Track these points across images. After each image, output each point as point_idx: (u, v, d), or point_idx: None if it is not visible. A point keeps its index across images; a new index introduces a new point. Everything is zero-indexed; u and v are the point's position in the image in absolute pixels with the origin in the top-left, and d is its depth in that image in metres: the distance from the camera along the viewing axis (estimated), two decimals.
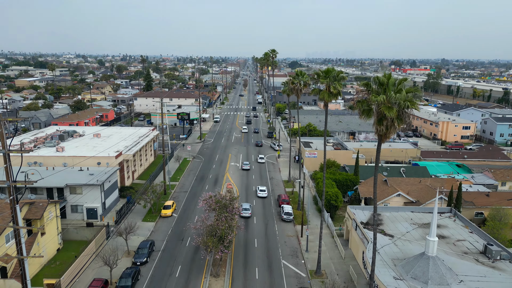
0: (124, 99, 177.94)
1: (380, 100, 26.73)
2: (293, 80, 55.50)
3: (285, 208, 58.30)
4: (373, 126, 29.45)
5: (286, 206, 58.86)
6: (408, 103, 26.89)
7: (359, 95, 29.68)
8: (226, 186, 71.80)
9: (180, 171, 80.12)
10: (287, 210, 57.56)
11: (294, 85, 55.11)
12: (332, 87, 37.78)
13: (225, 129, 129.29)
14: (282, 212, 58.24)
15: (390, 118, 27.05)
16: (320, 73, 39.28)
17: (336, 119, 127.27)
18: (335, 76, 38.37)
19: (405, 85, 28.50)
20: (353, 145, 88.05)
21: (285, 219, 57.13)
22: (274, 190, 70.86)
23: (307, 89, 56.14)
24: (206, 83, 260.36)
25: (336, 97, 38.60)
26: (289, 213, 57.18)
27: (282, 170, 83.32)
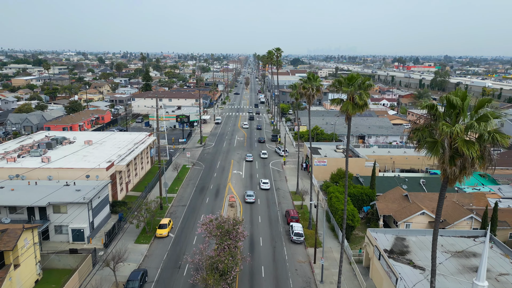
0: (122, 99, 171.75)
1: (455, 131, 19.98)
2: (304, 85, 49.16)
3: (295, 227, 52.06)
4: (438, 164, 22.41)
5: (295, 225, 52.63)
6: (496, 135, 20.03)
7: (418, 120, 22.63)
8: (228, 199, 65.69)
9: (178, 181, 73.96)
10: (297, 230, 51.33)
11: (306, 90, 48.78)
12: (358, 97, 31.48)
13: (227, 131, 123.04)
14: (291, 232, 52.01)
15: (470, 157, 20.23)
16: (342, 81, 33.02)
17: (343, 120, 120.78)
18: (360, 84, 32.10)
19: (488, 108, 21.28)
20: (364, 151, 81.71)
21: (295, 240, 50.93)
22: (281, 203, 64.64)
23: (320, 94, 49.62)
24: (207, 82, 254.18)
25: (362, 109, 32.36)
26: (299, 233, 50.94)
27: (288, 179, 77.09)
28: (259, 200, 65.57)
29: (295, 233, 50.89)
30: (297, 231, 51.17)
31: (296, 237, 50.77)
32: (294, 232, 51.10)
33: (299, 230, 51.33)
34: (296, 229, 51.50)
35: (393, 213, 52.49)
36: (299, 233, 50.96)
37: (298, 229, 51.56)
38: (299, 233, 50.96)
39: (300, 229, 51.75)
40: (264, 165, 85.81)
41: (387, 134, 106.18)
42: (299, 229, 51.61)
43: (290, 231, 52.42)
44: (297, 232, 51.02)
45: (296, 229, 51.59)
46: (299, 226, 52.50)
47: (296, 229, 51.52)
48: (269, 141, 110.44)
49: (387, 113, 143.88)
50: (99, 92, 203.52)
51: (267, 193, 69.06)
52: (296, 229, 51.52)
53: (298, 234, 50.84)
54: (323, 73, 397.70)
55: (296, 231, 51.24)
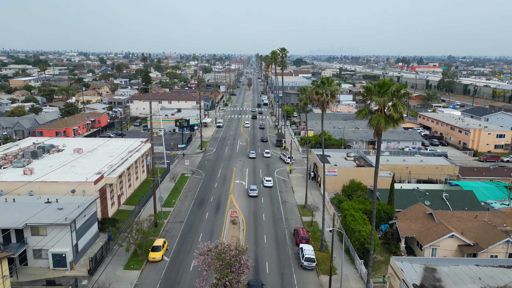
0: (121, 100, 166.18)
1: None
2: (317, 90, 42.98)
3: (306, 250, 45.99)
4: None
5: (306, 248, 46.55)
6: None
7: None
8: (230, 213, 59.71)
9: (176, 193, 68.03)
10: (309, 254, 45.24)
11: (319, 96, 42.64)
12: (392, 108, 25.48)
13: (229, 135, 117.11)
14: (301, 255, 45.96)
15: None
16: (372, 88, 27.05)
17: (351, 124, 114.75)
18: (394, 92, 26.07)
19: None
20: (385, 158, 75.26)
21: (305, 266, 44.87)
22: (289, 219, 58.59)
23: (335, 100, 43.44)
24: (208, 83, 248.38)
25: (396, 123, 26.36)
26: (311, 258, 44.86)
27: (296, 190, 71.03)
28: (264, 215, 59.59)
29: (306, 258, 44.81)
30: (308, 255, 45.08)
31: (307, 262, 44.70)
32: (304, 256, 45.01)
33: (310, 254, 45.24)
34: (307, 253, 45.42)
35: (416, 235, 46.38)
36: (311, 258, 44.87)
37: (309, 253, 45.48)
38: (311, 258, 44.87)
39: (311, 252, 45.68)
40: (267, 167, 79.77)
41: (398, 140, 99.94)
42: (311, 253, 45.53)
43: (300, 255, 46.38)
44: (308, 256, 44.93)
45: (307, 253, 45.50)
46: (310, 249, 46.42)
47: (307, 253, 45.44)
48: (273, 147, 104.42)
49: None
50: (98, 93, 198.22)
51: (273, 207, 63.05)
52: (307, 253, 45.44)
53: (310, 259, 44.74)
54: (327, 73, 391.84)
55: (307, 255, 45.16)
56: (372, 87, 27.06)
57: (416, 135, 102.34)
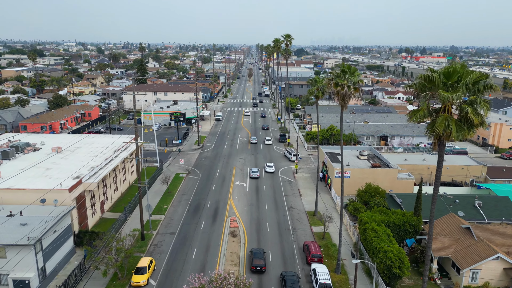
0: (115, 92, 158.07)
1: None
2: (337, 80, 34.70)
3: (320, 273, 38.33)
4: None
5: (320, 270, 38.93)
6: None
7: None
8: (229, 222, 52.12)
9: (168, 197, 60.35)
10: (323, 279, 37.56)
11: (339, 88, 34.44)
12: (470, 109, 17.41)
13: (228, 130, 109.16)
14: (314, 279, 38.36)
15: None
16: (435, 77, 18.80)
17: (360, 118, 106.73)
18: (469, 85, 17.93)
19: None
20: (394, 159, 67.55)
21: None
22: (297, 230, 50.96)
23: (358, 93, 35.36)
24: (207, 73, 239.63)
25: (473, 129, 18.46)
26: (326, 285, 37.15)
27: (303, 193, 63.33)
28: (268, 225, 51.96)
29: (320, 284, 37.15)
30: (323, 280, 37.41)
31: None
32: (319, 282, 37.36)
33: (325, 279, 37.60)
34: (321, 277, 37.80)
35: (453, 255, 38.76)
36: (326, 283, 37.18)
37: (324, 277, 37.84)
38: (326, 283, 37.18)
39: (326, 276, 38.05)
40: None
41: (413, 135, 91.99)
42: (326, 277, 37.90)
43: (312, 278, 38.80)
44: (324, 282, 37.24)
45: (321, 276, 37.88)
46: (324, 271, 38.76)
47: (322, 277, 37.81)
48: (276, 142, 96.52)
49: (407, 108, 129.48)
50: (92, 84, 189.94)
51: (278, 215, 55.38)
52: (322, 277, 37.81)
53: (325, 285, 37.10)
54: (329, 63, 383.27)
55: (321, 279, 37.53)
56: (436, 77, 18.65)
57: None
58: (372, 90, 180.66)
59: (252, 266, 40.66)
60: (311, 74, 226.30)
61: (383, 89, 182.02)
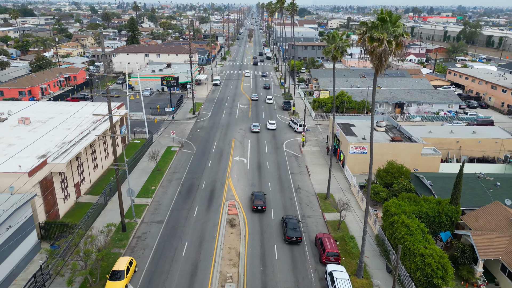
0: (106, 53, 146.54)
1: None
2: (374, 33, 24.82)
3: (339, 279, 30.79)
4: None
5: (337, 274, 31.42)
6: None
7: None
8: (227, 207, 44.49)
9: (157, 176, 52.39)
10: (343, 286, 30.21)
11: (376, 44, 24.76)
12: None
13: (227, 96, 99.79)
14: (330, 285, 31.00)
15: None
16: None
17: (371, 82, 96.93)
18: None
19: None
20: (417, 131, 58.80)
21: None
22: (306, 217, 43.33)
23: (401, 51, 25.84)
24: (205, 34, 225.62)
25: None
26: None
27: (312, 170, 55.30)
28: (273, 211, 44.31)
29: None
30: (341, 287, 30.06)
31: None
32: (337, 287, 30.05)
33: (345, 286, 30.21)
34: (340, 284, 30.39)
35: (503, 257, 31.17)
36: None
37: (343, 284, 30.44)
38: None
39: (347, 283, 30.63)
40: (274, 139, 63.88)
41: (431, 101, 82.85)
42: (346, 284, 30.49)
43: (329, 283, 31.41)
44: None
45: (340, 283, 30.45)
46: (344, 277, 31.23)
47: (341, 284, 30.40)
48: (280, 110, 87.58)
49: (421, 72, 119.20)
50: (82, 45, 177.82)
51: (283, 198, 47.65)
52: (341, 284, 30.40)
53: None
54: (333, 24, 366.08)
55: (340, 287, 30.16)
56: None
57: (453, 96, 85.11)
58: None
59: (253, 205, 43.32)
60: (315, 35, 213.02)
61: None
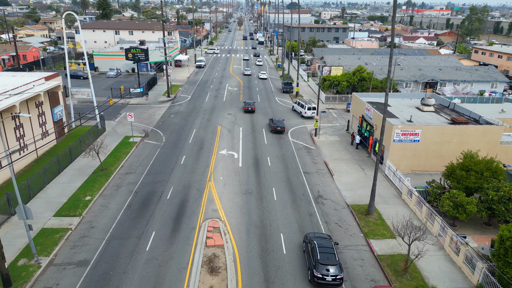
0: (72, 35, 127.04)
1: None
2: None
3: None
4: None
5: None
6: None
7: None
8: (205, 233, 26.19)
9: (99, 179, 33.82)
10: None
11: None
12: None
13: (213, 78, 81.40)
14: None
15: None
16: None
17: (385, 61, 79.36)
18: None
19: None
20: (477, 110, 41.25)
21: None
22: (340, 245, 25.25)
23: None
24: (190, 21, 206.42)
25: None
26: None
27: (335, 168, 37.28)
28: (284, 240, 26.25)
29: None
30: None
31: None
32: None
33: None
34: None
35: None
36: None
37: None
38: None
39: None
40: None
41: (471, 80, 65.66)
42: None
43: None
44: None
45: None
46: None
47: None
48: (279, 93, 69.63)
49: (439, 53, 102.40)
50: (50, 29, 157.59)
51: (299, 215, 29.59)
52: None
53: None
54: (327, 15, 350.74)
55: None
56: None
57: (496, 73, 68.01)
58: (385, 36, 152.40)
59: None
60: (311, 21, 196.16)
61: (399, 35, 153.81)
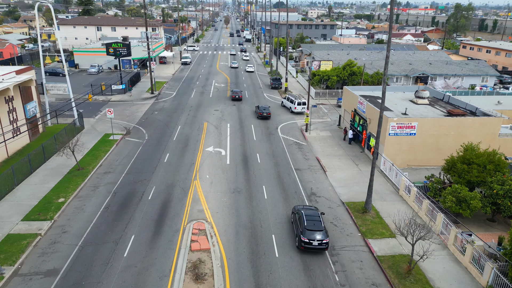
0: (52, 32, 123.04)
1: None
2: None
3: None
4: None
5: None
6: None
7: None
8: (190, 234, 23.93)
9: (75, 179, 31.24)
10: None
11: None
12: None
13: (199, 74, 78.93)
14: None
15: None
16: None
17: (377, 56, 78.15)
18: None
19: None
20: (473, 102, 39.88)
21: None
22: (336, 246, 23.22)
23: None
24: (176, 19, 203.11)
25: None
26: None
27: (327, 165, 35.35)
28: (276, 241, 24.15)
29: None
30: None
31: None
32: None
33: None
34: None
35: None
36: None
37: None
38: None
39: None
40: (264, 121, 44.03)
41: (461, 74, 64.68)
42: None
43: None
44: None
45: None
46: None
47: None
48: (267, 89, 67.62)
49: (427, 48, 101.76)
50: (30, 27, 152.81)
51: (290, 210, 27.57)
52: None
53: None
54: (313, 14, 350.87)
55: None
56: None
57: (487, 67, 67.20)
58: (373, 33, 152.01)
59: None
60: (299, 19, 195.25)
61: (385, 32, 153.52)
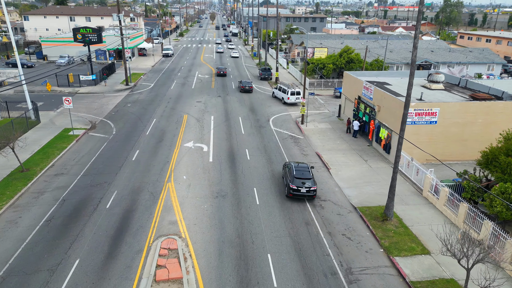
0: (23, 25, 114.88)
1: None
2: None
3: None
4: None
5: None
6: None
7: None
8: (156, 257, 17.49)
9: (15, 183, 24.56)
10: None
11: None
12: None
13: (181, 66, 72.28)
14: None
15: None
16: None
17: (373, 44, 72.65)
18: None
19: None
20: (501, 84, 34.34)
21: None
22: (353, 269, 17.22)
23: None
24: (159, 14, 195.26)
25: None
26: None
27: (329, 160, 29.37)
28: (274, 267, 17.99)
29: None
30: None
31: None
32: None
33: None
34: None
35: None
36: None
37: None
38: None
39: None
40: (253, 113, 37.96)
41: (466, 62, 59.54)
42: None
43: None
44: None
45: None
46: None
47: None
48: (257, 80, 61.48)
49: (422, 39, 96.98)
50: (1, 20, 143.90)
51: (294, 227, 21.41)
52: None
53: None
54: (301, 11, 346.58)
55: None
56: None
57: (492, 55, 62.28)
58: (364, 27, 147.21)
59: None
60: (287, 12, 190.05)
61: (377, 26, 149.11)
